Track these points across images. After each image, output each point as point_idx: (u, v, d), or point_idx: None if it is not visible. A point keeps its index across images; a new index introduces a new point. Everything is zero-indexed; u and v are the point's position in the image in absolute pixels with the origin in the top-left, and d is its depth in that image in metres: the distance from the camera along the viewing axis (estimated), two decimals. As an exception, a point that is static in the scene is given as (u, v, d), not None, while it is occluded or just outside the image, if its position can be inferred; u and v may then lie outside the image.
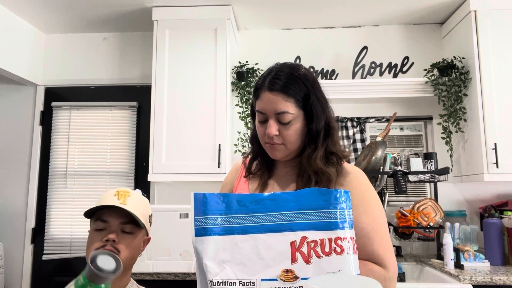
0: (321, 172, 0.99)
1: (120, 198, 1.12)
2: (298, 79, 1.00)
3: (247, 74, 2.64)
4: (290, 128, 0.99)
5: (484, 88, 2.38)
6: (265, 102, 1.00)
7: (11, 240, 2.83)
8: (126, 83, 2.98)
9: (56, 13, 2.72)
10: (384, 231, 0.96)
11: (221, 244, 0.63)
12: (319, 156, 1.01)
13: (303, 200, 0.64)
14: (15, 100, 2.99)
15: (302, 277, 0.60)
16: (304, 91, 1.00)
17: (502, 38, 2.41)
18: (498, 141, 2.32)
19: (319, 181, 0.99)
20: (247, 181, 1.12)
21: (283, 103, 0.98)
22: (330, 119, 1.04)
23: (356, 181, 1.00)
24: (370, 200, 0.98)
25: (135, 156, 2.89)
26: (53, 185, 2.88)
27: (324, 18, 2.79)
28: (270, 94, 0.99)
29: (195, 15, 2.59)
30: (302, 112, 1.00)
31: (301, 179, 1.02)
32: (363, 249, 0.92)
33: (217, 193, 0.66)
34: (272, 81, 1.00)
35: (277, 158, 1.05)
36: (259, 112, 1.02)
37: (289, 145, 1.01)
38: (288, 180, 1.07)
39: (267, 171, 1.11)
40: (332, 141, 1.04)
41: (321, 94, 1.04)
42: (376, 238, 0.93)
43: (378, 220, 0.96)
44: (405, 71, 2.82)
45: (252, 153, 1.15)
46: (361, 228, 0.93)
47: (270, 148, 1.03)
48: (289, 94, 0.98)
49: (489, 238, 2.27)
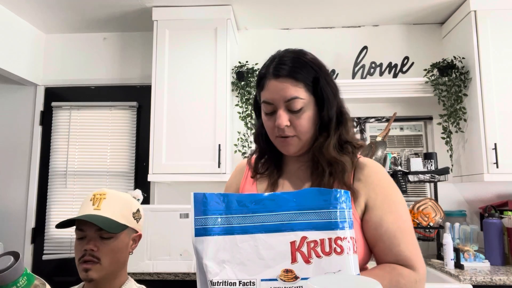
0: (335, 161, 0.91)
1: (95, 203, 1.11)
2: (305, 63, 0.92)
3: (247, 74, 2.64)
4: (302, 116, 0.91)
5: (484, 88, 2.38)
6: (272, 91, 0.91)
7: (11, 240, 2.83)
8: (126, 83, 2.98)
9: (56, 13, 2.72)
10: (410, 229, 0.89)
11: (221, 244, 0.63)
12: (332, 144, 0.92)
13: (303, 200, 0.64)
14: (15, 100, 2.99)
15: (302, 277, 0.60)
16: (313, 74, 0.92)
17: (502, 38, 2.41)
18: (498, 141, 2.32)
19: (333, 172, 0.91)
20: (255, 182, 1.04)
21: (293, 89, 0.89)
22: (342, 105, 0.97)
23: (376, 176, 0.92)
24: (393, 196, 0.91)
25: (135, 156, 2.89)
26: (53, 185, 2.88)
27: (324, 18, 2.79)
28: (277, 81, 0.91)
29: (195, 15, 2.59)
30: (313, 98, 0.92)
31: (315, 173, 0.93)
32: (389, 251, 0.87)
33: (217, 193, 0.66)
34: (277, 67, 0.92)
35: (291, 153, 0.96)
36: (266, 103, 0.93)
37: (303, 135, 0.93)
38: (300, 176, 0.99)
39: (276, 169, 1.02)
40: (346, 129, 0.96)
41: (331, 79, 0.96)
42: (402, 238, 0.86)
43: (403, 218, 0.89)
44: (405, 71, 2.82)
45: (257, 152, 1.06)
46: (386, 228, 0.87)
47: (283, 142, 0.94)
48: (297, 78, 0.90)
49: (489, 238, 2.27)
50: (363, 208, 0.90)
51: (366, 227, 0.89)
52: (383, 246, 0.87)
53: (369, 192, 0.90)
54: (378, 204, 0.89)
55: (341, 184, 0.90)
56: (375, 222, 0.88)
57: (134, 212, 1.18)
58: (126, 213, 1.15)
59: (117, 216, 1.11)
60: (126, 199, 1.18)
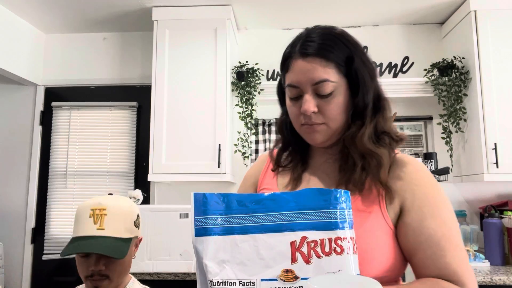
0: (370, 153, 0.78)
1: (96, 221, 1.06)
2: (337, 39, 0.80)
3: (247, 74, 2.64)
4: (332, 102, 0.79)
5: (484, 88, 2.38)
6: (298, 72, 0.79)
7: (11, 240, 2.83)
8: (126, 83, 2.98)
9: (56, 13, 2.72)
10: (457, 238, 0.76)
11: (221, 244, 0.63)
12: (367, 134, 0.80)
13: (303, 200, 0.64)
14: (15, 100, 2.99)
15: (302, 277, 0.60)
16: (346, 53, 0.79)
17: (502, 38, 2.41)
18: (498, 141, 2.32)
19: (366, 166, 0.79)
20: (275, 175, 0.93)
21: (322, 70, 0.77)
22: (380, 89, 0.84)
23: (417, 174, 0.79)
24: (437, 199, 0.77)
25: (135, 156, 2.89)
26: (53, 185, 2.88)
27: (324, 18, 2.79)
28: (304, 61, 0.79)
29: (195, 15, 2.59)
30: (345, 80, 0.80)
31: (345, 167, 0.81)
32: (431, 263, 0.73)
33: (217, 193, 0.66)
34: (304, 45, 0.80)
35: (317, 142, 0.83)
36: (291, 87, 0.81)
37: (332, 123, 0.81)
38: (327, 170, 0.87)
39: (300, 162, 0.91)
40: (383, 117, 0.83)
41: (367, 58, 0.83)
42: (448, 248, 0.73)
43: (449, 224, 0.76)
44: (405, 71, 2.82)
45: (280, 143, 0.94)
46: (428, 235, 0.74)
47: (308, 130, 0.82)
48: (328, 57, 0.78)
49: (489, 238, 2.27)
50: (398, 211, 0.78)
51: (402, 234, 0.77)
52: (423, 256, 0.75)
53: (406, 192, 0.78)
54: (416, 206, 0.76)
55: (374, 180, 0.78)
56: (414, 228, 0.75)
57: (135, 220, 1.16)
58: (129, 225, 1.13)
59: (122, 232, 1.09)
60: (126, 210, 1.14)
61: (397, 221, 0.78)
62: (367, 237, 0.74)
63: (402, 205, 0.77)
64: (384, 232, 0.76)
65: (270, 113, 2.81)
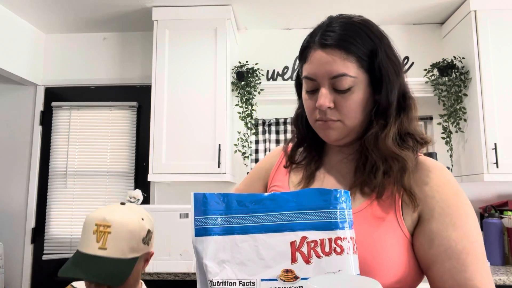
0: (394, 157, 0.72)
1: (99, 239, 1.01)
2: (360, 30, 0.75)
3: (247, 74, 2.64)
4: (349, 98, 0.73)
5: (484, 88, 2.38)
6: (315, 64, 0.74)
7: (11, 240, 2.83)
8: (126, 83, 2.98)
9: (56, 13, 2.72)
10: (480, 252, 0.69)
11: (221, 244, 0.63)
12: (391, 135, 0.73)
13: (303, 200, 0.64)
14: (15, 100, 2.99)
15: (302, 277, 0.60)
16: (370, 46, 0.74)
17: (502, 38, 2.41)
18: (498, 141, 2.32)
19: (388, 170, 0.72)
20: (288, 172, 0.88)
21: (341, 63, 0.72)
22: (406, 87, 0.79)
23: (439, 180, 0.72)
24: (460, 208, 0.70)
25: (135, 156, 2.89)
26: (53, 185, 2.88)
27: (324, 18, 2.78)
28: (323, 52, 0.74)
29: (195, 15, 2.59)
30: (367, 76, 0.74)
31: (362, 168, 0.76)
32: (450, 277, 0.67)
33: (217, 193, 0.66)
34: (324, 35, 0.75)
35: (331, 140, 0.78)
36: (308, 79, 0.76)
37: (348, 121, 0.75)
38: (342, 170, 0.81)
39: (314, 160, 0.85)
40: (408, 117, 0.77)
41: (393, 53, 0.79)
42: (470, 263, 0.67)
43: (473, 237, 0.69)
44: (405, 71, 2.81)
45: (294, 139, 0.89)
46: (447, 246, 0.68)
47: (323, 126, 0.77)
48: (348, 50, 0.72)
49: (489, 238, 2.27)
50: (416, 219, 0.72)
51: (418, 243, 0.71)
52: (441, 270, 0.68)
53: (426, 199, 0.71)
54: (437, 215, 0.70)
55: (398, 186, 0.72)
56: (432, 238, 0.69)
57: (144, 237, 1.09)
58: (135, 244, 1.06)
59: (126, 252, 1.03)
60: (133, 228, 1.06)
61: (414, 229, 0.72)
62: (378, 245, 0.70)
63: (421, 212, 0.71)
64: (398, 240, 0.71)
65: (270, 113, 2.81)
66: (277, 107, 2.80)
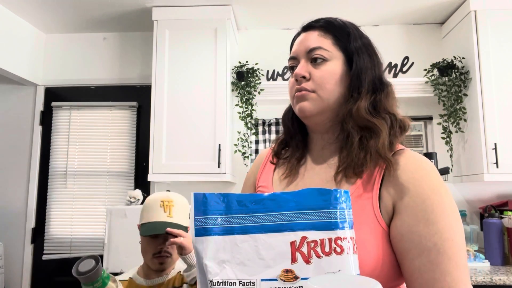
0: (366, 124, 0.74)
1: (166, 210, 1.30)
2: (343, 23, 0.82)
3: (247, 74, 2.64)
4: (323, 69, 0.77)
5: (484, 88, 2.38)
6: (297, 44, 0.82)
7: (11, 240, 2.83)
8: (126, 83, 2.98)
9: (56, 13, 2.72)
10: (454, 251, 0.64)
11: (221, 244, 0.63)
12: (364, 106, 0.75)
13: (303, 200, 0.64)
14: (15, 100, 2.99)
15: (302, 277, 0.60)
16: (347, 32, 0.80)
17: (502, 38, 2.41)
18: (498, 141, 2.32)
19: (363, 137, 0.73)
20: (273, 171, 0.91)
21: (317, 39, 0.79)
22: (382, 74, 0.82)
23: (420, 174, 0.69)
24: (436, 203, 0.66)
25: (135, 156, 2.89)
26: (53, 185, 2.88)
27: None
28: (304, 33, 0.82)
29: (195, 15, 2.59)
30: (342, 55, 0.79)
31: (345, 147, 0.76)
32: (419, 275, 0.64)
33: (217, 193, 0.66)
34: (309, 22, 0.84)
35: (306, 112, 0.78)
36: (290, 59, 0.83)
37: (322, 92, 0.77)
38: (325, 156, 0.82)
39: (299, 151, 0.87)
40: (386, 98, 0.79)
41: (369, 43, 0.82)
42: (440, 262, 0.63)
43: (446, 234, 0.64)
44: (405, 71, 2.82)
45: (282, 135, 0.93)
46: (417, 242, 0.65)
47: (299, 97, 0.79)
48: (326, 29, 0.80)
49: (489, 238, 2.27)
50: (391, 211, 0.70)
51: (391, 237, 0.69)
52: (411, 267, 0.66)
53: (400, 191, 0.69)
54: (409, 208, 0.67)
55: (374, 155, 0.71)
56: (402, 233, 0.67)
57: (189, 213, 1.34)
58: (188, 216, 1.32)
59: (185, 221, 1.31)
60: (186, 204, 1.36)
61: (390, 221, 0.70)
62: None
63: (395, 204, 0.69)
64: (373, 231, 0.69)
65: (270, 113, 2.81)
66: (277, 107, 2.79)
